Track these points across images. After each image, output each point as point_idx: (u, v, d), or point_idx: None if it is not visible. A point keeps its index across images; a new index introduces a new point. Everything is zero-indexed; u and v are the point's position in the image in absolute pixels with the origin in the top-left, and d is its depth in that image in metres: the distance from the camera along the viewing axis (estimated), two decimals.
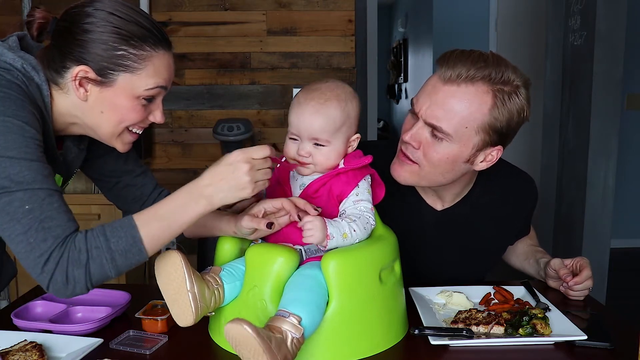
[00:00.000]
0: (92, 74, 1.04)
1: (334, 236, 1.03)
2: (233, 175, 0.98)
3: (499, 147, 1.25)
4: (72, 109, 1.09)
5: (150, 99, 1.09)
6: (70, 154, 1.20)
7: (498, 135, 1.22)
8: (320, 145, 1.09)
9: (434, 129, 1.21)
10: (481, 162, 1.26)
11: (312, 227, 1.00)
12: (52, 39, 1.07)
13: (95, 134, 1.12)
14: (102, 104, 1.07)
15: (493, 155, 1.26)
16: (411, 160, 1.26)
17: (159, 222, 0.98)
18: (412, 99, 1.28)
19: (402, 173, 1.29)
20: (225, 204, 1.00)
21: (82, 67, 1.03)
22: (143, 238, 0.96)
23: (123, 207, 1.34)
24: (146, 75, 1.06)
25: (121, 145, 1.13)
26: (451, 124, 1.19)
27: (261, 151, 0.99)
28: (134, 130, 1.12)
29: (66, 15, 1.06)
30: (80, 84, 1.05)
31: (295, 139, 1.11)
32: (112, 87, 1.05)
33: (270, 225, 1.06)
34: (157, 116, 1.12)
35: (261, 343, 0.85)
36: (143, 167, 1.33)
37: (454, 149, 1.22)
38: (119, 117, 1.08)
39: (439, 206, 1.41)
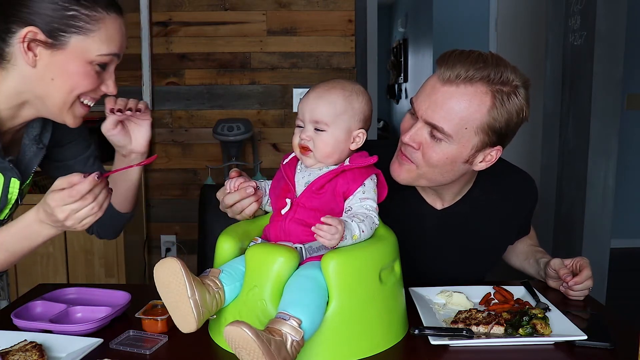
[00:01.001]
0: (41, 36, 1.00)
1: (347, 238, 1.03)
2: (54, 219, 1.00)
3: (498, 147, 1.26)
4: (19, 83, 1.05)
5: (103, 66, 1.06)
6: (28, 153, 1.18)
7: (497, 135, 1.23)
8: (321, 130, 1.10)
9: (433, 129, 1.21)
10: (480, 162, 1.27)
11: (335, 232, 1.00)
12: None
13: (45, 107, 1.08)
14: (53, 70, 1.03)
15: (492, 155, 1.26)
16: (410, 160, 1.26)
17: (3, 253, 1.05)
18: (411, 99, 1.28)
19: (401, 173, 1.29)
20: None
21: (30, 27, 0.99)
22: None
23: None
24: (99, 39, 1.03)
25: (72, 119, 1.10)
26: (451, 124, 1.20)
27: (70, 197, 0.98)
28: (85, 101, 1.09)
29: None
30: (29, 48, 1.01)
31: (300, 126, 1.13)
32: (64, 50, 1.02)
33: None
34: (109, 86, 1.09)
35: (260, 346, 0.85)
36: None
37: (453, 149, 1.22)
38: (70, 84, 1.04)
39: (438, 205, 1.41)
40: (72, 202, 0.98)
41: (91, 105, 1.11)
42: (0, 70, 1.05)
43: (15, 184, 1.17)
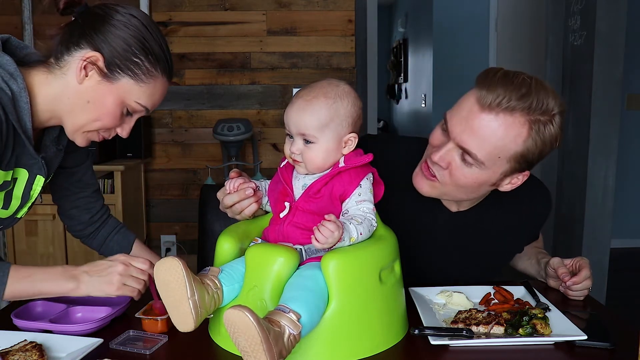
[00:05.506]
0: (101, 64, 1.08)
1: (344, 240, 1.03)
2: (107, 270, 1.12)
3: (526, 172, 1.25)
4: (60, 92, 1.11)
5: (131, 113, 1.14)
6: (49, 153, 1.21)
7: (528, 163, 1.22)
8: (310, 142, 1.09)
9: (465, 153, 1.20)
10: (506, 184, 1.26)
11: (329, 236, 0.98)
12: (80, 17, 1.10)
13: (65, 121, 1.14)
14: (93, 95, 1.10)
15: (519, 179, 1.26)
16: (436, 178, 1.26)
17: (28, 284, 1.10)
18: (445, 114, 1.25)
19: (425, 186, 1.28)
20: (90, 295, 1.13)
21: (97, 53, 1.07)
22: (5, 291, 1.08)
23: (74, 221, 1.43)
24: (145, 91, 1.12)
25: (81, 141, 1.16)
26: (484, 152, 1.18)
27: (142, 264, 1.15)
28: (101, 132, 1.16)
29: (104, 6, 1.11)
30: (85, 67, 1.08)
31: (291, 137, 1.12)
32: (112, 84, 1.09)
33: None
34: (125, 129, 1.17)
35: (260, 333, 0.84)
36: (97, 185, 1.44)
37: (482, 175, 1.22)
38: (99, 113, 1.11)
39: (453, 208, 1.40)
40: (129, 276, 1.13)
41: (105, 137, 1.18)
42: (49, 74, 1.11)
43: (39, 181, 1.20)
